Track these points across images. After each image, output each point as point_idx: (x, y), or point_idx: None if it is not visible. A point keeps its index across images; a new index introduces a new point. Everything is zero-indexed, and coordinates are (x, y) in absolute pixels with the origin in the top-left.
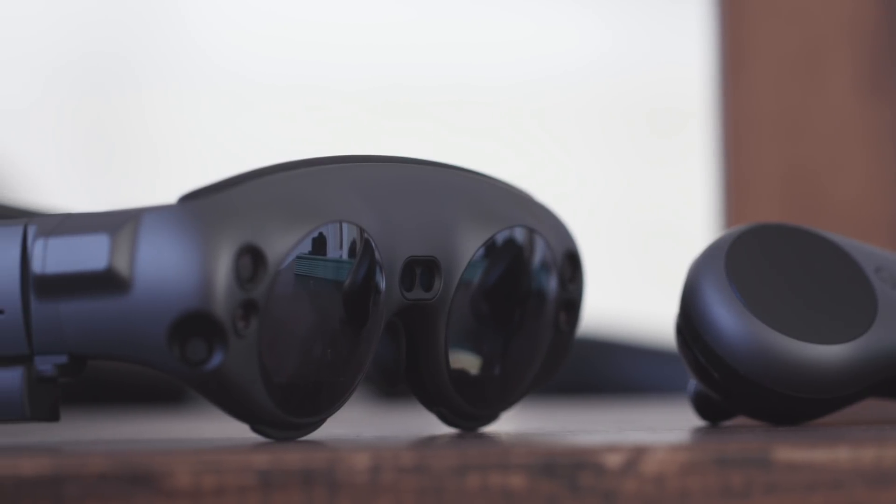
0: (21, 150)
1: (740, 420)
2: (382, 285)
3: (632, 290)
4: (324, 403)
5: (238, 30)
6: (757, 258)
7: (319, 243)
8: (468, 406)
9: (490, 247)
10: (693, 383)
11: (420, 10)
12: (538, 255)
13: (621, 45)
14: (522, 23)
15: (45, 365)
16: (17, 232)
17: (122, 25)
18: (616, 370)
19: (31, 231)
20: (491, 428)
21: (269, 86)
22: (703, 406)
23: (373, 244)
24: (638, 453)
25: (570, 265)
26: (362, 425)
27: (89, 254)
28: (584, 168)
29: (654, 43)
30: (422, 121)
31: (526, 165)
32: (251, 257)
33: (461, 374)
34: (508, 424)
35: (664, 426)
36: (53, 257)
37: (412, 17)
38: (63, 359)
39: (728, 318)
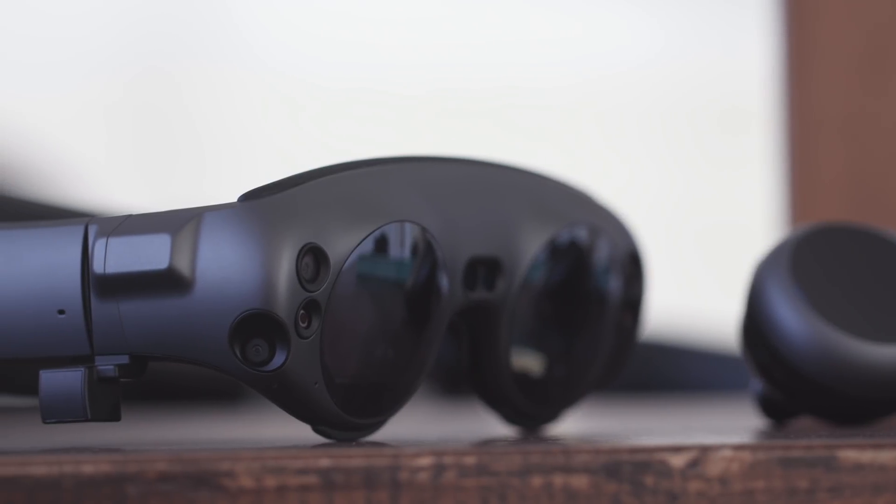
0: (81, 150)
1: (805, 420)
2: (445, 285)
3: (693, 290)
4: (385, 404)
5: (298, 32)
6: (822, 259)
7: (381, 243)
8: (530, 406)
9: (552, 246)
10: (757, 383)
11: (476, 10)
12: (601, 254)
13: (680, 44)
14: (578, 22)
15: (107, 365)
16: (77, 232)
17: (177, 26)
18: (679, 370)
19: (91, 231)
20: (553, 428)
21: (327, 88)
22: (767, 406)
23: (435, 244)
24: (702, 454)
25: (633, 265)
26: (424, 425)
27: (150, 254)
28: (644, 168)
29: (715, 40)
30: (480, 122)
31: (584, 165)
32: (313, 257)
33: (523, 374)
34: (571, 425)
35: (728, 427)
36: (114, 257)
37: (468, 16)
38: (124, 359)
39: (793, 318)
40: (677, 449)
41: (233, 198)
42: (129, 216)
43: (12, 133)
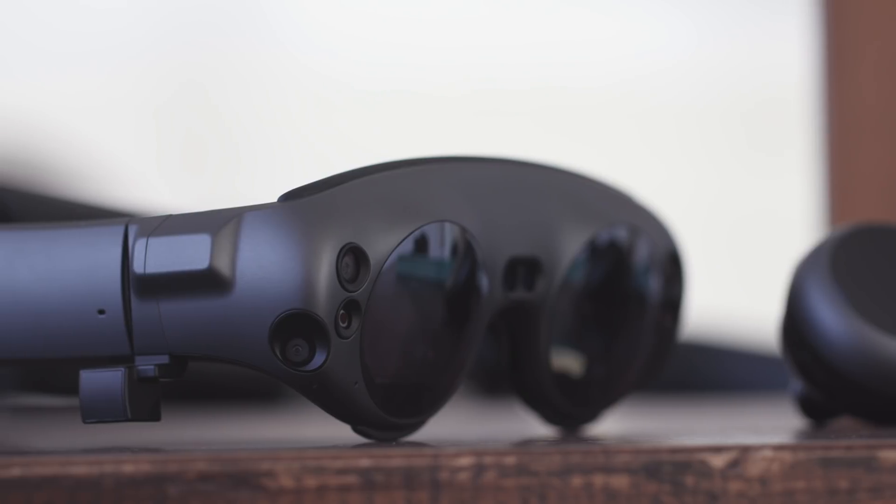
0: (120, 151)
1: (845, 420)
2: (484, 285)
3: (733, 290)
4: (425, 404)
5: (334, 33)
6: (862, 259)
7: (421, 243)
8: (570, 406)
9: (592, 246)
10: (797, 383)
11: (513, 10)
12: (641, 254)
13: (717, 42)
14: (614, 21)
15: (147, 365)
16: (118, 232)
17: (212, 26)
18: (718, 371)
19: (132, 231)
20: (593, 428)
21: (365, 90)
22: (807, 406)
23: (475, 244)
24: (742, 454)
25: (673, 265)
26: (464, 426)
27: (190, 254)
28: (682, 168)
29: (753, 39)
30: (518, 121)
31: (622, 165)
32: (353, 257)
33: (563, 375)
34: (610, 425)
35: (768, 427)
36: (154, 257)
37: (505, 16)
38: (164, 359)
39: (833, 318)
40: (717, 449)
41: (272, 198)
42: (170, 216)
43: (52, 133)
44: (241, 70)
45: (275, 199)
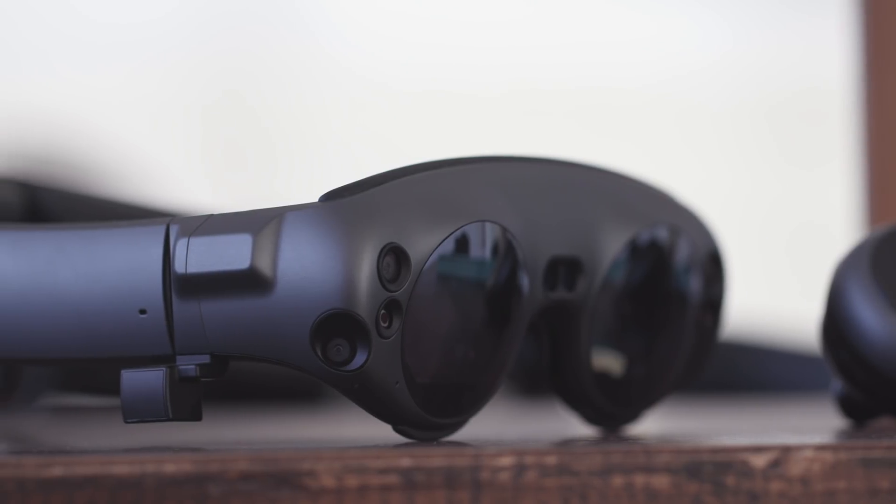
0: (160, 151)
1: (886, 420)
2: (525, 285)
3: (774, 290)
4: (466, 404)
5: (375, 35)
6: None
7: (462, 243)
8: (610, 406)
9: (633, 246)
10: (837, 383)
11: (552, 11)
12: (681, 254)
13: (757, 42)
14: (653, 21)
15: (188, 365)
16: (159, 232)
17: (252, 27)
18: (759, 370)
19: (173, 231)
20: (633, 428)
21: (405, 91)
22: (847, 406)
23: (516, 244)
24: (783, 454)
25: (713, 265)
26: (504, 425)
27: (232, 253)
28: (721, 167)
29: (794, 38)
30: (557, 121)
31: (661, 164)
32: (394, 257)
33: (604, 374)
34: (651, 425)
35: (808, 427)
36: (196, 257)
37: (544, 17)
38: (205, 359)
39: (873, 318)
40: (758, 449)
41: (311, 198)
42: (211, 216)
43: (92, 133)
44: (279, 71)
45: (315, 199)
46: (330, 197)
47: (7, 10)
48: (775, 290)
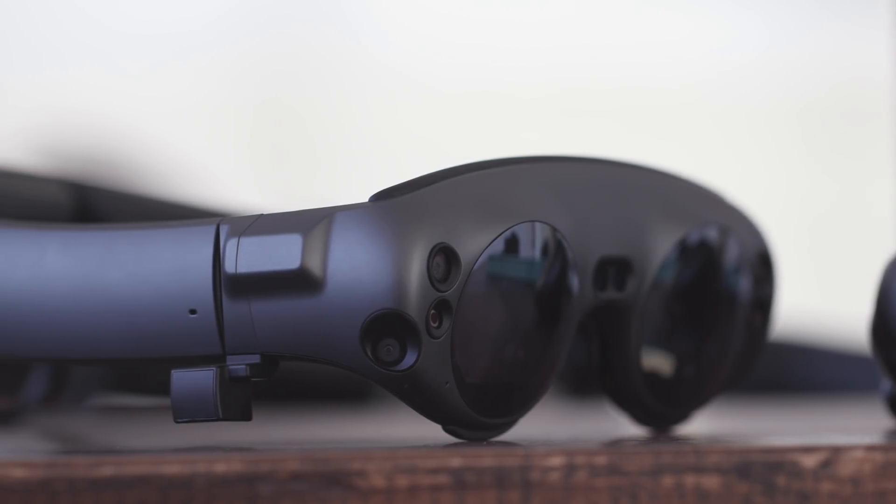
0: (210, 151)
1: None
2: (575, 285)
3: (823, 290)
4: (516, 404)
5: (418, 36)
6: None
7: (512, 243)
8: (660, 406)
9: (683, 246)
10: (887, 383)
11: (595, 12)
12: (731, 254)
13: (802, 40)
14: (693, 20)
15: (238, 365)
16: (209, 232)
17: (297, 29)
18: (808, 370)
19: (223, 231)
20: (683, 428)
21: (450, 92)
22: None
23: (565, 244)
24: (834, 454)
25: (763, 265)
26: (554, 425)
27: (282, 253)
28: (769, 166)
29: (836, 35)
30: (601, 121)
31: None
32: (444, 257)
33: (653, 375)
34: (701, 424)
35: (858, 427)
36: (246, 257)
37: (588, 18)
38: (255, 358)
39: None
40: (809, 449)
41: (361, 198)
42: (261, 216)
43: (140, 135)
44: (324, 72)
45: (365, 199)
46: (380, 197)
47: (59, 11)
48: (825, 290)
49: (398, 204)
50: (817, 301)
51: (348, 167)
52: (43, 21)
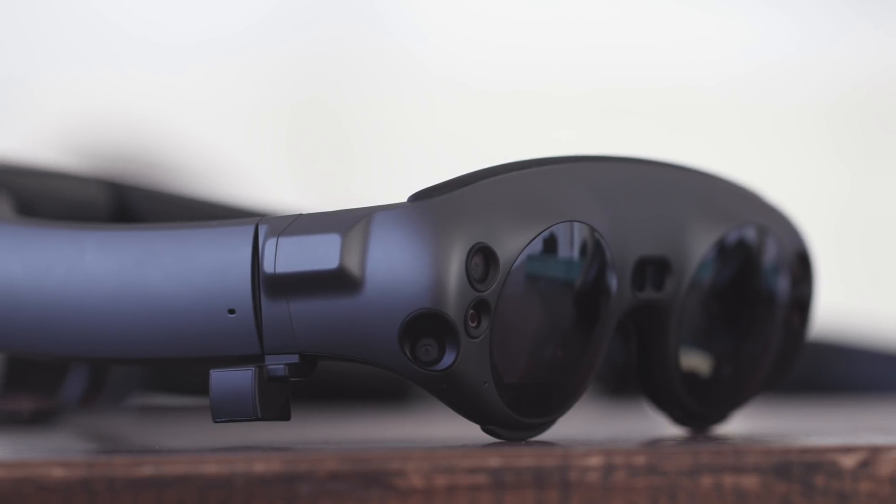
0: (248, 151)
1: None
2: (613, 285)
3: (862, 289)
4: (554, 404)
5: (456, 36)
6: None
7: (550, 243)
8: (699, 406)
9: (721, 246)
10: None
11: (630, 11)
12: (769, 254)
13: (840, 37)
14: (729, 18)
15: (276, 364)
16: (248, 232)
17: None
18: (847, 370)
19: (262, 231)
20: (721, 428)
21: (488, 92)
22: None
23: (604, 244)
24: (872, 454)
25: (801, 265)
26: (592, 425)
27: (320, 253)
28: (808, 165)
29: (877, 32)
30: (638, 121)
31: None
32: (483, 257)
33: (692, 374)
34: (739, 424)
35: None
36: (284, 257)
37: (623, 18)
38: (294, 358)
39: None
40: (847, 449)
41: (399, 198)
42: (300, 216)
43: (178, 135)
44: (360, 73)
45: (403, 199)
46: (419, 197)
47: (99, 10)
48: (864, 290)
49: (437, 204)
50: (857, 300)
51: (385, 167)
52: (85, 21)
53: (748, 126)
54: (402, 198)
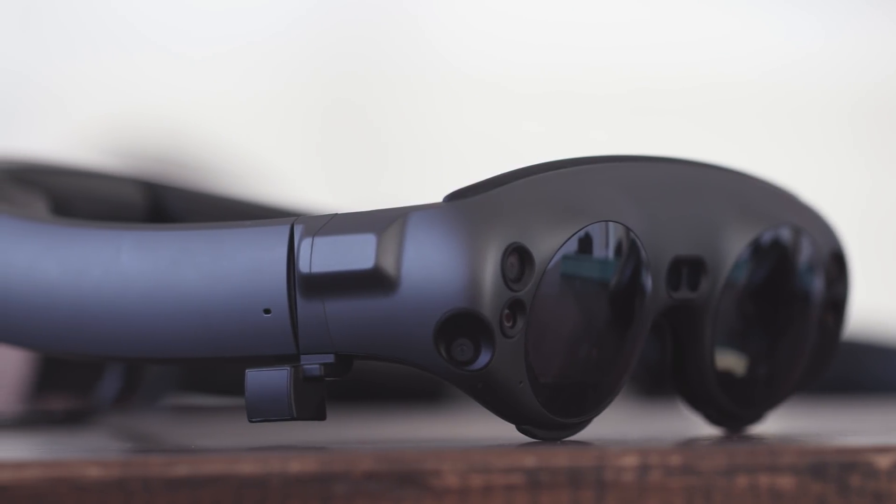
0: (281, 151)
1: None
2: (648, 285)
3: (891, 289)
4: (589, 404)
5: (489, 37)
6: None
7: (586, 243)
8: (734, 406)
9: (756, 246)
10: None
11: (662, 11)
12: (804, 254)
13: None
14: (762, 14)
15: (312, 364)
16: (283, 231)
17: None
18: (882, 370)
19: (297, 231)
20: (757, 428)
21: (522, 93)
22: None
23: (639, 244)
24: None
25: (837, 265)
26: (628, 425)
27: (356, 253)
28: (842, 166)
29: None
30: (672, 120)
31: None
32: (518, 256)
33: (727, 374)
34: (774, 424)
35: None
36: (320, 257)
37: (655, 17)
38: (329, 358)
39: None
40: (883, 449)
41: (435, 198)
42: (335, 216)
43: (215, 134)
44: (391, 73)
45: (438, 199)
46: (454, 197)
47: (136, 10)
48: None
49: (472, 204)
50: (890, 300)
51: (417, 169)
52: (121, 23)
53: (780, 123)
54: (436, 198)
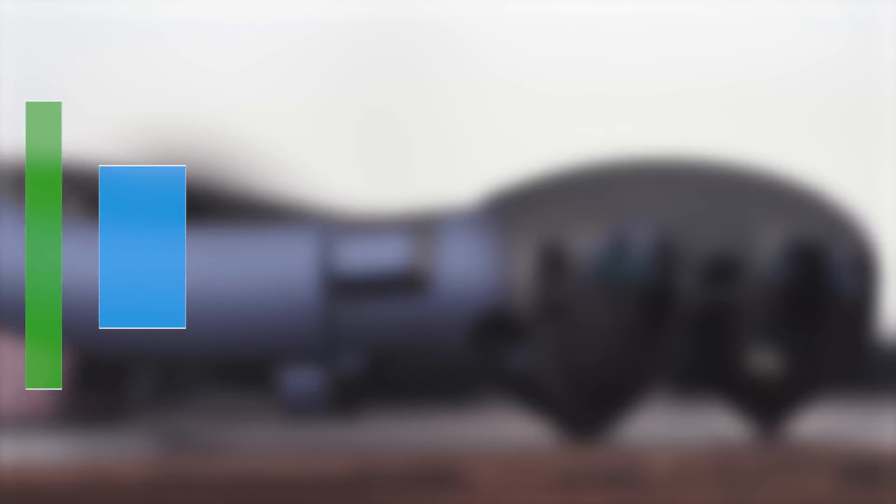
0: (316, 149)
1: None
2: (683, 285)
3: None
4: (625, 404)
5: (521, 38)
6: None
7: (621, 243)
8: (769, 407)
9: (790, 246)
10: None
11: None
12: (839, 254)
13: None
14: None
15: (345, 365)
16: (315, 231)
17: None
18: None
19: (329, 230)
20: (792, 429)
21: (542, 93)
22: None
23: (674, 244)
24: None
25: (872, 265)
26: (662, 426)
27: (388, 254)
28: (879, 165)
29: None
30: (707, 122)
31: (813, 164)
32: (553, 257)
33: (762, 375)
34: (810, 426)
35: None
36: (352, 257)
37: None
38: (363, 359)
39: None
40: None
41: (471, 198)
42: (368, 215)
43: (246, 132)
44: (423, 74)
45: (473, 199)
46: (488, 197)
47: (165, 6)
48: None
49: (507, 204)
50: None
51: (448, 168)
52: (152, 19)
53: (812, 122)
54: (468, 199)
